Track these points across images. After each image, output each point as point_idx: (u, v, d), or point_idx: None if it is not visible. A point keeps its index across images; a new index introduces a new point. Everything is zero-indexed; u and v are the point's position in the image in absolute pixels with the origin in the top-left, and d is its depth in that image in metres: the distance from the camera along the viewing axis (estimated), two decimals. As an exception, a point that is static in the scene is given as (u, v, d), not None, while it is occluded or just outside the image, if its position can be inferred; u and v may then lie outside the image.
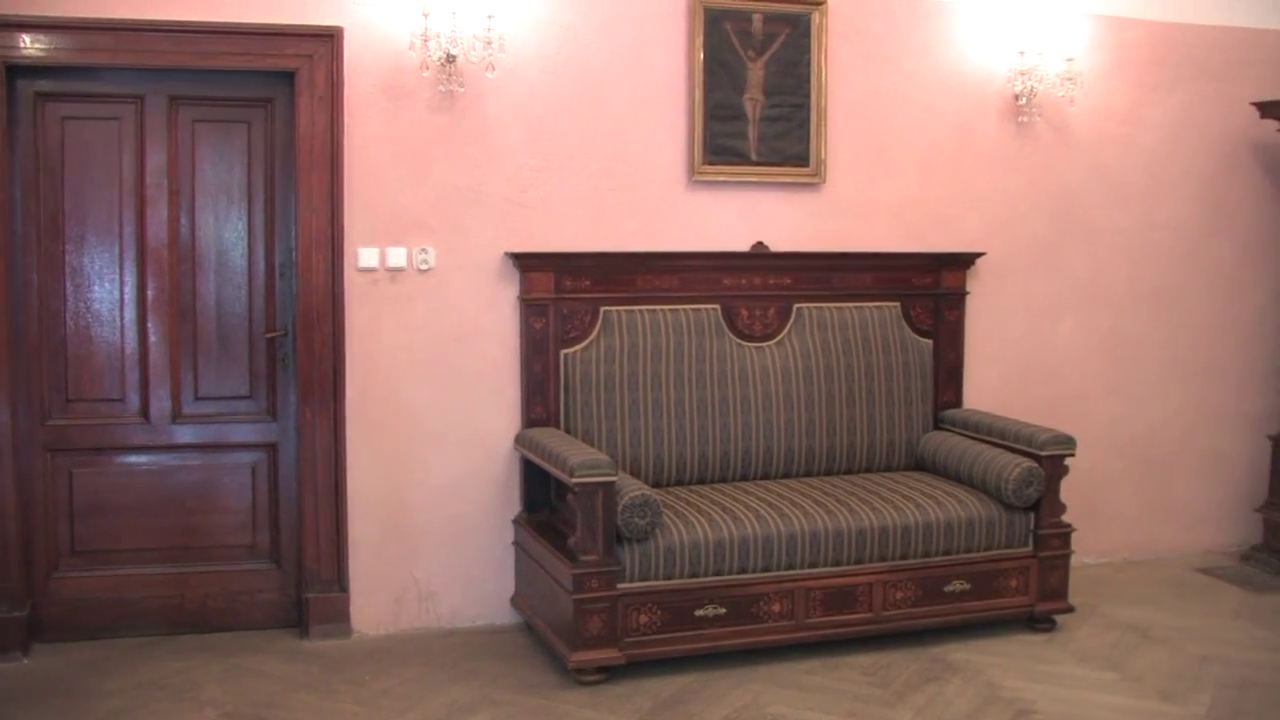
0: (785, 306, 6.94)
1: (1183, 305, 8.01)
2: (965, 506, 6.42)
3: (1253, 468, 8.21)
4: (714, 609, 5.95)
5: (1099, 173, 7.71)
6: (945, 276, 7.24)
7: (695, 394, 6.66)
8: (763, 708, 5.62)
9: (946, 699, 5.76)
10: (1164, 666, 6.21)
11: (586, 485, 5.68)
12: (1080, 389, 7.78)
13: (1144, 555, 8.06)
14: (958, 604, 6.41)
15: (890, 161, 7.24)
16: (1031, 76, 7.30)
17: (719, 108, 6.81)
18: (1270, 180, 8.11)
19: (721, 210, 6.91)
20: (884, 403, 7.03)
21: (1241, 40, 7.97)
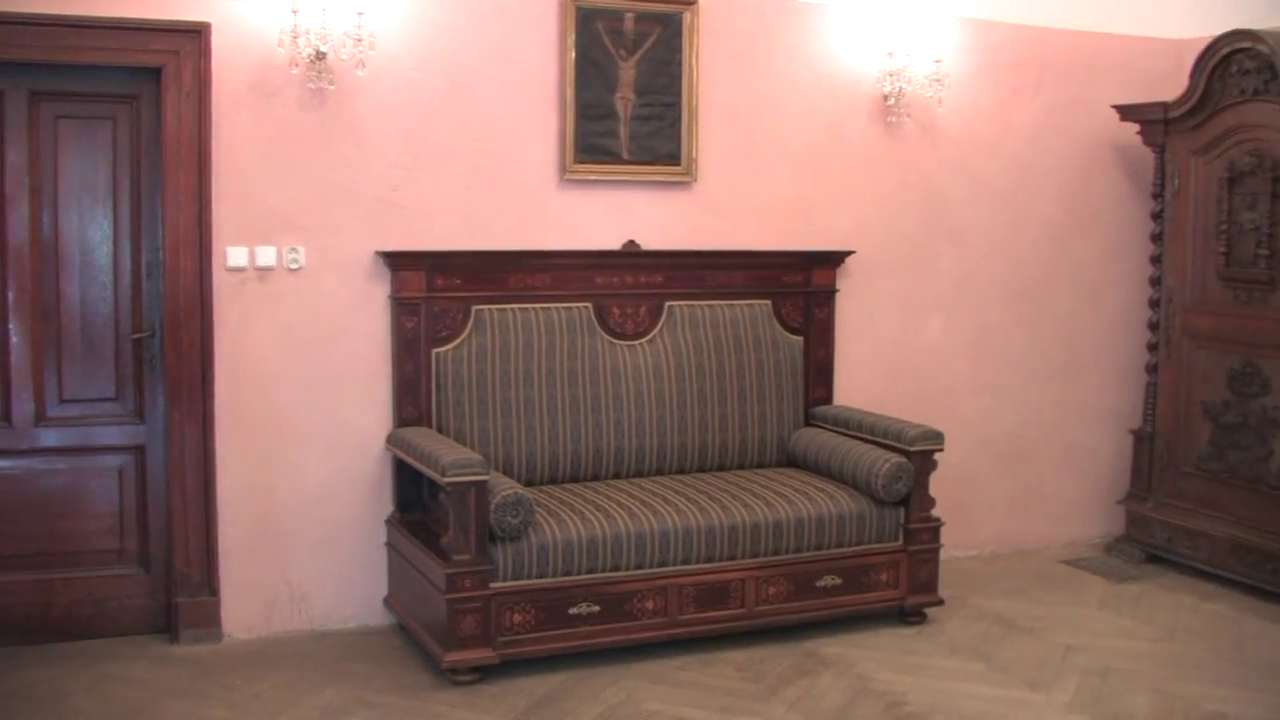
0: (657, 305, 6.97)
1: (1048, 303, 8.18)
2: (836, 502, 6.49)
3: (1115, 461, 8.40)
4: (588, 607, 5.97)
5: (966, 173, 7.84)
6: (816, 274, 7.32)
7: (567, 392, 6.66)
8: (637, 705, 5.65)
9: (819, 693, 5.83)
10: (1030, 656, 6.35)
11: (458, 484, 5.67)
12: (948, 385, 7.91)
13: (1011, 548, 8.22)
14: (829, 598, 6.49)
15: (761, 160, 7.30)
16: (900, 77, 7.40)
17: (590, 106, 6.81)
18: (1131, 181, 8.29)
19: (593, 209, 6.92)
20: (755, 400, 7.08)
21: (1103, 45, 8.15)
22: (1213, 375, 7.58)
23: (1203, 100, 7.48)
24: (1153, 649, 6.50)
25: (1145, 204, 8.14)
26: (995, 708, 5.71)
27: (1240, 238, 7.38)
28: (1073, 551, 8.25)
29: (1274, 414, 7.22)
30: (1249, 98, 7.27)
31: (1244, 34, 7.20)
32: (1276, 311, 7.18)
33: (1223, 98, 7.42)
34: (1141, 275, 8.19)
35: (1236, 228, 7.39)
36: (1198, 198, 7.63)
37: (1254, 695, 5.90)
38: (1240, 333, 7.40)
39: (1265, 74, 7.13)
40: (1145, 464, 8.01)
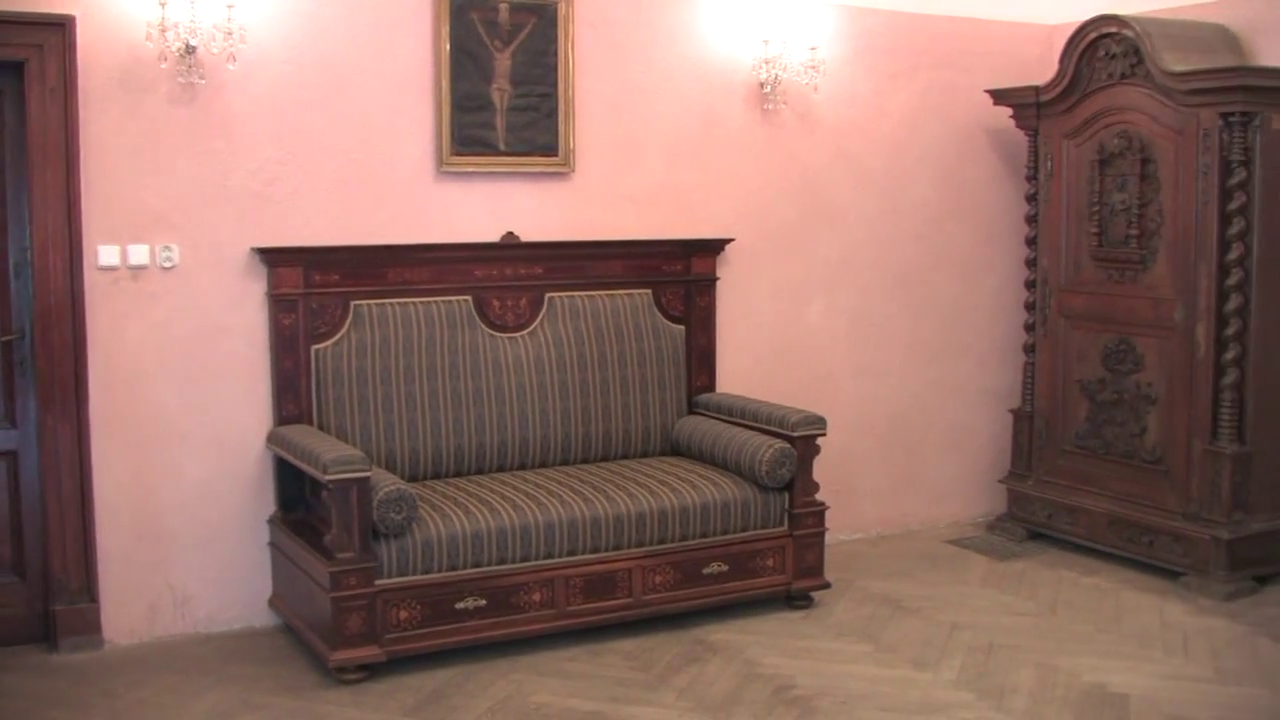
0: (537, 296, 6.95)
1: (926, 286, 8.27)
2: (720, 489, 6.52)
3: (995, 441, 8.52)
4: (474, 601, 5.94)
5: (843, 158, 7.90)
6: (695, 263, 7.34)
7: (449, 386, 6.63)
8: (526, 697, 5.63)
9: (708, 679, 5.85)
10: (916, 636, 6.43)
11: (340, 482, 5.62)
12: (829, 369, 7.97)
13: (896, 529, 8.31)
14: (716, 585, 6.52)
15: (639, 150, 7.30)
16: (776, 65, 7.43)
17: (466, 98, 6.77)
18: (1005, 164, 8.41)
19: (471, 201, 6.88)
20: (637, 389, 7.09)
21: (975, 31, 8.27)
22: (1088, 354, 7.72)
23: (1073, 84, 7.61)
24: (1035, 624, 6.62)
25: (1019, 186, 8.25)
26: (882, 688, 5.77)
27: (1112, 218, 7.51)
28: (956, 531, 8.36)
29: (1148, 390, 7.36)
30: (1117, 81, 7.40)
31: (1111, 19, 7.34)
32: (1148, 290, 7.33)
33: (1092, 81, 7.55)
34: (1017, 256, 8.31)
35: (1108, 208, 7.53)
36: (1070, 180, 7.76)
37: (1133, 665, 6.04)
38: (1114, 311, 7.53)
39: (1132, 58, 7.27)
40: (1025, 443, 8.14)
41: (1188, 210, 7.08)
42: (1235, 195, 6.88)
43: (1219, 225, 6.94)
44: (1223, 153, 6.90)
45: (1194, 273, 7.07)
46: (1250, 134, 6.87)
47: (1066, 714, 5.50)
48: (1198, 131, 6.99)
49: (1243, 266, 6.93)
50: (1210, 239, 6.97)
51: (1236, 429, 7.03)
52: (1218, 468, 7.02)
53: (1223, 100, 6.85)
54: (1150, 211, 7.29)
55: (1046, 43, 8.35)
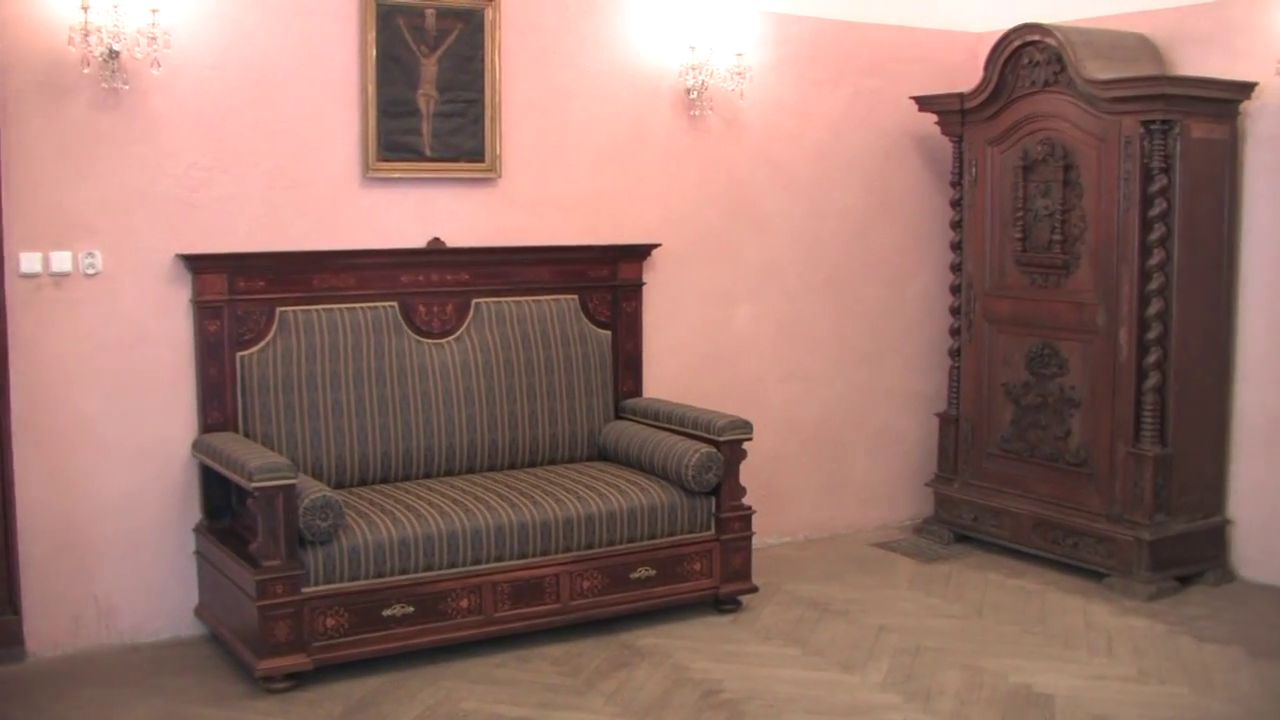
0: (463, 302, 6.94)
1: (852, 290, 8.32)
2: (647, 494, 6.54)
3: (922, 444, 8.59)
4: (402, 608, 5.92)
5: (770, 164, 7.94)
6: (622, 268, 7.36)
7: (375, 393, 6.60)
8: (454, 704, 5.63)
9: (636, 684, 5.87)
10: (844, 639, 6.46)
11: (266, 489, 5.58)
12: (757, 374, 8.00)
13: (823, 533, 8.35)
14: (644, 590, 6.53)
15: (566, 155, 7.30)
16: (703, 71, 7.45)
17: (393, 104, 6.75)
18: (930, 170, 8.48)
19: (398, 207, 6.86)
20: (564, 395, 7.09)
21: (900, 38, 8.34)
22: (1013, 358, 7.79)
23: (997, 91, 7.68)
24: (962, 626, 6.67)
25: (944, 192, 8.33)
26: (810, 691, 5.80)
27: (1035, 224, 7.59)
28: (883, 534, 8.41)
29: (1072, 394, 7.44)
30: (1040, 89, 7.48)
31: (1034, 27, 7.41)
32: (1071, 295, 7.41)
33: (1015, 89, 7.62)
34: (942, 261, 8.37)
35: (1031, 214, 7.61)
36: (994, 186, 7.83)
37: (1058, 665, 6.11)
38: (1038, 316, 7.61)
39: (1055, 66, 7.35)
40: (951, 446, 8.20)
41: (1110, 216, 7.16)
42: (1156, 201, 6.97)
43: (1140, 231, 7.03)
44: (1144, 160, 6.99)
45: (1116, 277, 7.15)
46: (1170, 141, 6.97)
47: (992, 715, 5.55)
48: (1119, 139, 7.07)
49: (1164, 271, 7.02)
50: (1132, 244, 7.06)
51: (1158, 431, 7.12)
52: (1140, 470, 7.10)
53: (1144, 108, 6.94)
54: (1073, 217, 7.37)
55: (971, 50, 8.43)
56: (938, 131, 8.16)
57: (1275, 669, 6.08)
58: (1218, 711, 5.62)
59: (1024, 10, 7.58)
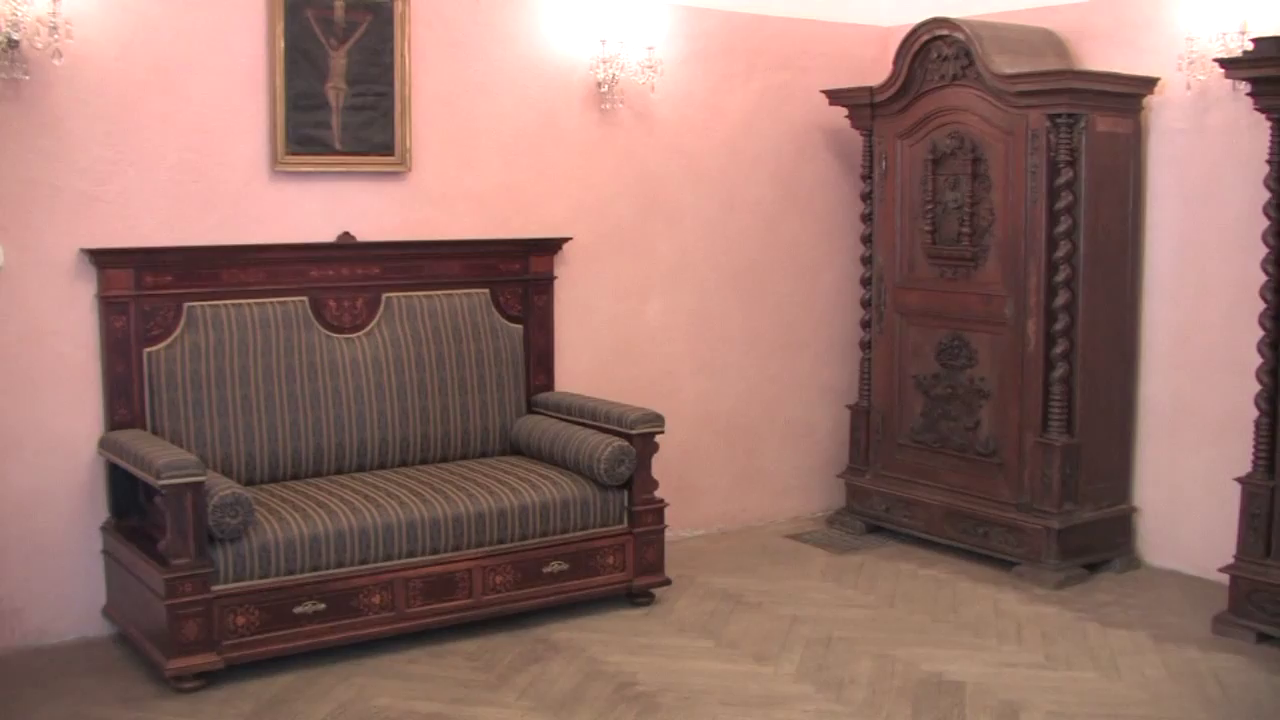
0: (374, 297, 6.90)
1: (763, 283, 8.35)
2: (560, 488, 6.53)
3: (834, 436, 8.64)
4: (313, 605, 5.88)
5: (681, 157, 7.95)
6: (533, 262, 7.34)
7: (285, 388, 6.54)
8: (368, 701, 5.59)
9: (550, 678, 5.86)
10: (757, 630, 6.49)
11: (174, 486, 5.52)
12: (668, 367, 8.02)
13: (737, 525, 8.38)
14: (557, 584, 6.52)
15: (477, 149, 7.27)
16: (614, 64, 7.45)
17: (301, 97, 6.69)
18: (840, 163, 8.53)
19: (307, 201, 6.79)
20: (476, 389, 7.07)
21: (811, 32, 8.37)
22: (923, 349, 7.86)
23: (906, 85, 7.74)
24: (874, 616, 6.72)
25: (855, 185, 8.37)
26: (724, 682, 5.83)
27: (945, 216, 7.66)
28: (796, 526, 8.45)
29: (981, 385, 7.52)
30: (948, 83, 7.55)
31: (943, 22, 7.48)
32: (980, 287, 7.48)
33: (925, 83, 7.68)
34: (853, 254, 8.42)
35: (941, 207, 7.67)
36: (904, 179, 7.89)
37: (969, 653, 6.18)
38: (947, 308, 7.68)
39: (963, 60, 7.41)
40: (862, 437, 8.26)
41: (1017, 209, 7.24)
42: (1062, 194, 7.05)
43: (1047, 223, 7.11)
44: (1050, 153, 7.07)
45: (1024, 270, 7.23)
46: (1076, 135, 7.05)
47: (904, 703, 5.60)
48: (1026, 132, 7.15)
49: (1070, 264, 7.10)
50: (1039, 237, 7.14)
51: (1066, 421, 7.21)
52: (1048, 459, 7.19)
53: (1050, 102, 7.01)
54: (981, 210, 7.44)
55: (881, 44, 8.49)
56: (848, 125, 8.21)
57: (1179, 653, 6.19)
58: (1123, 695, 5.71)
59: (932, 5, 7.64)
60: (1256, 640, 6.30)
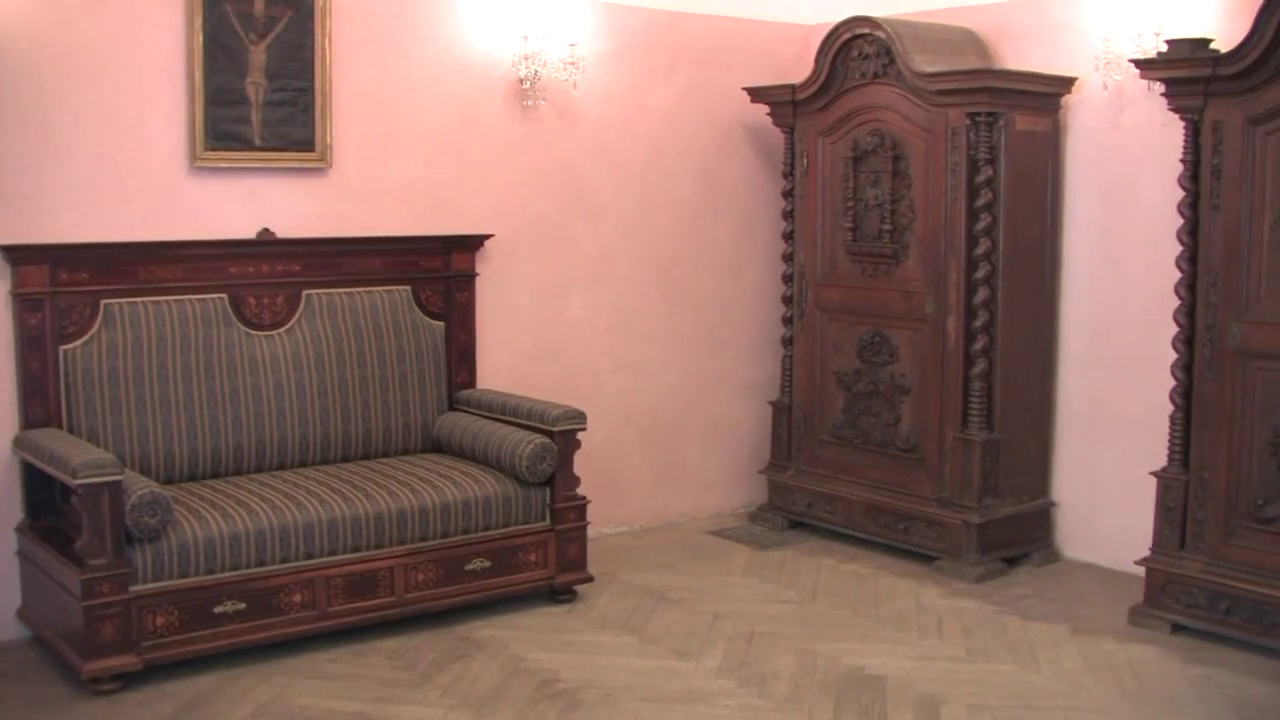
0: (294, 294, 6.85)
1: (685, 280, 8.37)
2: (482, 485, 6.52)
3: (755, 432, 8.68)
4: (233, 605, 5.83)
5: (603, 154, 7.95)
6: (455, 258, 7.32)
7: (204, 386, 6.48)
8: (289, 701, 5.56)
9: (472, 676, 5.85)
10: (679, 626, 6.50)
11: (90, 486, 5.45)
12: (590, 364, 8.02)
13: (659, 522, 8.40)
14: (480, 582, 6.51)
15: (398, 145, 7.23)
16: (535, 61, 7.43)
17: (221, 92, 6.62)
18: (762, 160, 8.56)
19: (226, 197, 6.72)
20: (397, 386, 7.04)
21: (733, 30, 8.40)
22: (844, 346, 7.90)
23: (827, 83, 7.77)
24: (796, 611, 6.76)
25: (777, 182, 8.41)
26: (646, 678, 5.84)
27: (865, 214, 7.70)
28: (719, 522, 8.48)
29: (901, 381, 7.57)
30: (870, 81, 7.59)
31: (864, 20, 7.52)
32: (901, 283, 7.53)
33: (846, 81, 7.72)
34: (775, 251, 8.46)
35: (862, 204, 7.71)
36: (825, 176, 7.92)
37: (890, 647, 6.23)
38: (868, 304, 7.73)
39: (884, 58, 7.46)
40: (784, 434, 8.29)
41: (937, 206, 7.30)
42: (982, 192, 7.11)
43: (967, 221, 7.17)
44: (970, 151, 7.13)
45: (944, 266, 7.29)
46: (995, 133, 7.11)
47: (826, 698, 5.63)
48: (946, 130, 7.21)
49: (989, 261, 7.17)
50: (959, 234, 7.20)
51: (985, 417, 7.27)
52: (968, 455, 7.25)
53: (969, 101, 7.08)
54: (902, 207, 7.49)
55: (803, 42, 8.53)
56: (770, 122, 8.24)
57: (1097, 645, 6.28)
58: (1042, 687, 5.78)
59: (854, 4, 7.67)
60: (1171, 631, 6.41)
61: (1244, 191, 6.15)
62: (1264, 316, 6.14)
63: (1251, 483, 6.23)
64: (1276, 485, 6.14)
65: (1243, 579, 6.20)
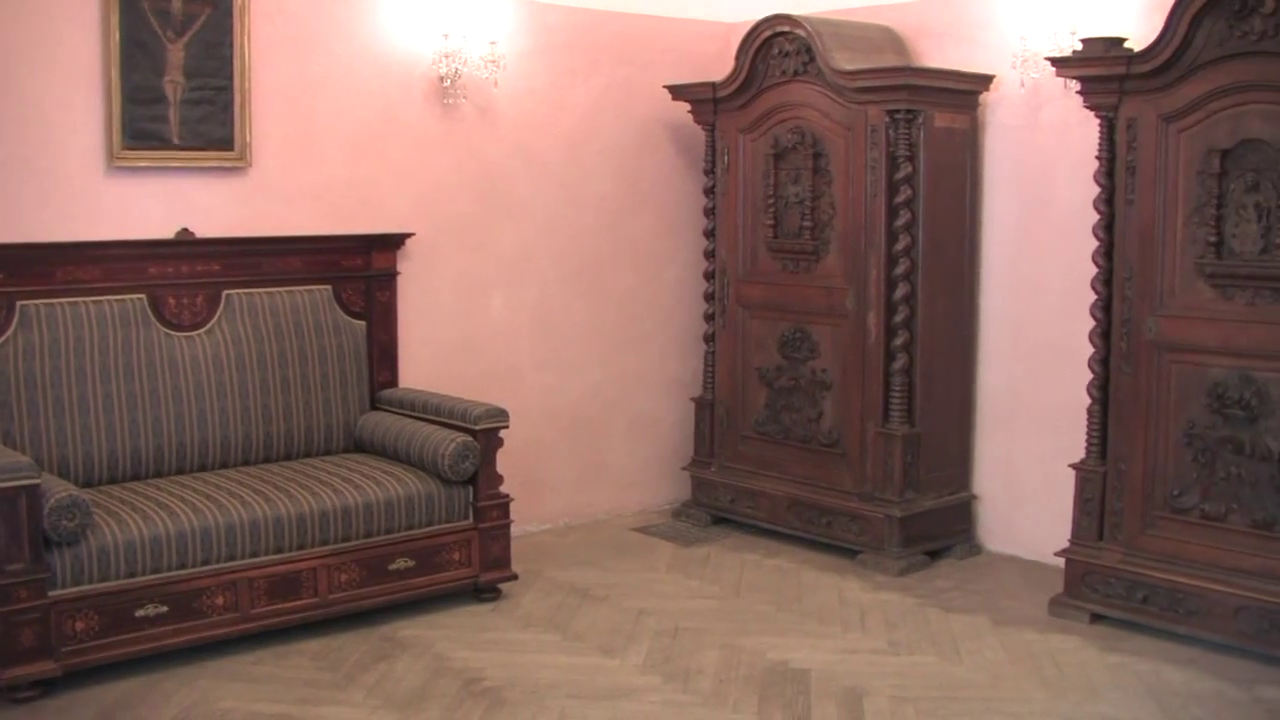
0: (214, 294, 6.79)
1: (607, 278, 8.38)
2: (404, 484, 6.50)
3: (679, 429, 8.71)
4: (155, 608, 5.77)
5: (524, 153, 7.94)
6: (376, 258, 7.28)
7: (124, 388, 6.42)
8: (212, 704, 5.51)
9: (397, 676, 5.83)
10: (604, 623, 6.52)
11: (7, 490, 5.38)
12: (513, 363, 8.01)
13: (583, 519, 8.40)
14: (403, 581, 6.49)
15: (318, 144, 7.19)
16: (456, 59, 7.41)
17: (138, 90, 6.56)
18: (683, 158, 8.59)
19: (145, 196, 6.66)
20: (319, 387, 7.01)
21: (655, 28, 8.42)
22: (766, 342, 7.94)
23: (748, 81, 7.80)
24: (720, 606, 6.79)
25: (698, 180, 8.43)
26: (571, 676, 5.84)
27: (786, 211, 7.74)
28: (643, 519, 8.50)
29: (823, 376, 7.62)
30: (790, 79, 7.63)
31: (784, 18, 7.55)
32: (822, 280, 7.58)
33: (766, 78, 7.75)
34: (697, 248, 8.49)
35: (782, 201, 7.75)
36: (746, 173, 7.96)
37: (814, 641, 6.27)
38: (789, 301, 7.77)
39: (804, 56, 7.50)
40: (707, 430, 8.32)
41: (857, 203, 7.35)
42: (901, 189, 7.17)
43: (886, 217, 7.23)
44: (889, 148, 7.19)
45: (864, 263, 7.34)
46: (915, 130, 7.17)
47: (750, 692, 5.67)
48: (866, 128, 7.26)
49: (909, 256, 7.23)
50: (879, 230, 7.26)
51: (906, 411, 7.33)
52: (890, 449, 7.31)
53: (889, 98, 7.13)
54: (822, 204, 7.54)
55: (724, 40, 8.56)
56: (691, 120, 8.27)
57: (1017, 635, 6.35)
58: (964, 678, 5.84)
59: (775, 2, 7.71)
60: (1090, 620, 6.49)
61: (1158, 187, 6.25)
62: (1178, 310, 6.24)
63: (1167, 474, 6.34)
64: (1191, 476, 6.25)
65: (1159, 568, 6.30)
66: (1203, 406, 6.20)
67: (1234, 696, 5.65)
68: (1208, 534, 6.20)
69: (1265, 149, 5.92)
